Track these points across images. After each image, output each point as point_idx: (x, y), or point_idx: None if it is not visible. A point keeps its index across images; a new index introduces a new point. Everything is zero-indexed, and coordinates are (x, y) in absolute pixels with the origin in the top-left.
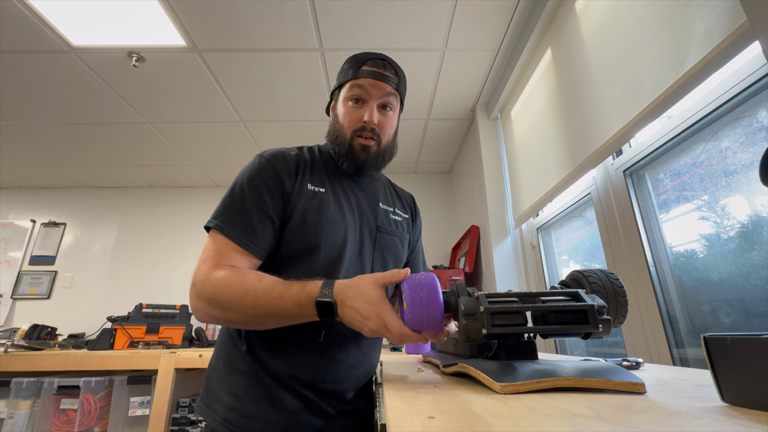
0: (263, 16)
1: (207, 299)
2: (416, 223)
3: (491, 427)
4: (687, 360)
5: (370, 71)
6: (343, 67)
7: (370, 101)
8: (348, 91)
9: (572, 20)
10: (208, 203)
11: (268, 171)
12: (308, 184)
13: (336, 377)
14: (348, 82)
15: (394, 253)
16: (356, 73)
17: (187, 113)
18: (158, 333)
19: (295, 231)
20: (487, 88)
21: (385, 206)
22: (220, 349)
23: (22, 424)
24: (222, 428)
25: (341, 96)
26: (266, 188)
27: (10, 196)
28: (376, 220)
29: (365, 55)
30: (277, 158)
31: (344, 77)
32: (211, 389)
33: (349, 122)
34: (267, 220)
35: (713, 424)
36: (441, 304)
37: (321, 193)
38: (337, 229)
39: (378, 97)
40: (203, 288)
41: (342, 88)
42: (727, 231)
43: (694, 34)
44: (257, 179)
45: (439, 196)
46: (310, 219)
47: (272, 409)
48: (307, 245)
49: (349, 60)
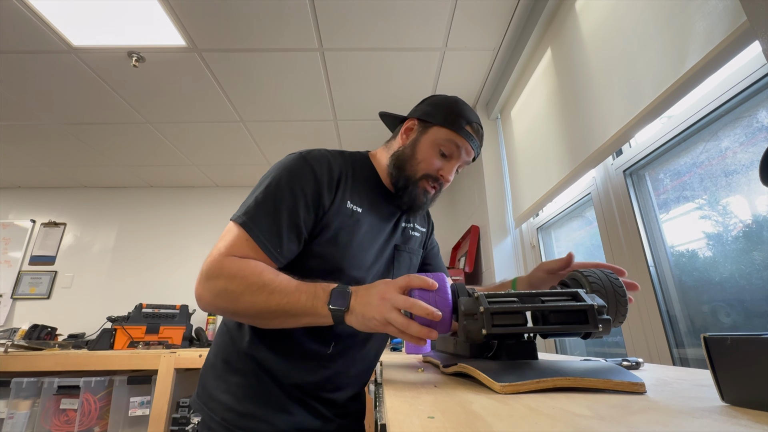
0: (263, 16)
1: (218, 285)
2: (431, 236)
3: (491, 427)
4: (687, 360)
5: (471, 136)
6: (443, 107)
7: (454, 161)
8: (443, 140)
9: (572, 20)
10: (208, 203)
11: (308, 178)
12: (348, 202)
13: (337, 386)
14: (448, 130)
15: (408, 270)
16: (459, 129)
17: (187, 113)
18: (158, 333)
19: (323, 247)
20: (487, 88)
21: (405, 223)
22: (218, 348)
23: (22, 424)
24: (219, 427)
25: (432, 135)
26: (303, 197)
27: (10, 196)
28: (397, 238)
29: (471, 114)
30: (320, 164)
31: (444, 121)
32: (208, 387)
33: (428, 165)
34: (295, 230)
35: (713, 424)
36: (450, 304)
37: (358, 213)
38: (364, 255)
39: (461, 162)
40: (216, 271)
41: (437, 128)
42: (728, 231)
43: (694, 34)
44: (296, 184)
45: (439, 196)
46: (342, 239)
47: (270, 411)
48: (329, 265)
49: (454, 105)
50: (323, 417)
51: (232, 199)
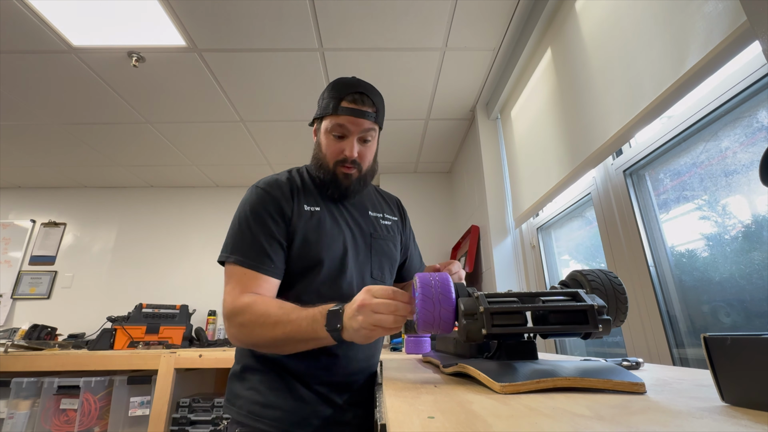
0: (263, 16)
1: (235, 325)
2: (406, 224)
3: (491, 427)
4: (687, 360)
5: (350, 109)
6: (324, 96)
7: (350, 137)
8: (329, 126)
9: (572, 20)
10: (208, 203)
11: (267, 199)
12: (305, 206)
13: (347, 372)
14: (329, 117)
15: (388, 256)
16: (336, 109)
17: (187, 113)
18: (158, 333)
19: (299, 249)
20: (487, 88)
21: (375, 213)
22: (238, 356)
23: (22, 424)
24: (247, 419)
25: (323, 127)
26: (269, 215)
27: (10, 196)
28: (368, 227)
29: (344, 88)
30: (272, 186)
31: (325, 110)
32: (234, 389)
33: (331, 154)
34: (276, 243)
35: (713, 424)
36: (453, 303)
37: (317, 212)
38: (336, 243)
39: (357, 133)
40: (229, 313)
41: (324, 120)
42: (728, 231)
43: (694, 34)
44: (259, 208)
45: (439, 196)
46: (311, 237)
47: (290, 400)
48: (311, 261)
49: (330, 90)
50: (336, 405)
51: (232, 199)
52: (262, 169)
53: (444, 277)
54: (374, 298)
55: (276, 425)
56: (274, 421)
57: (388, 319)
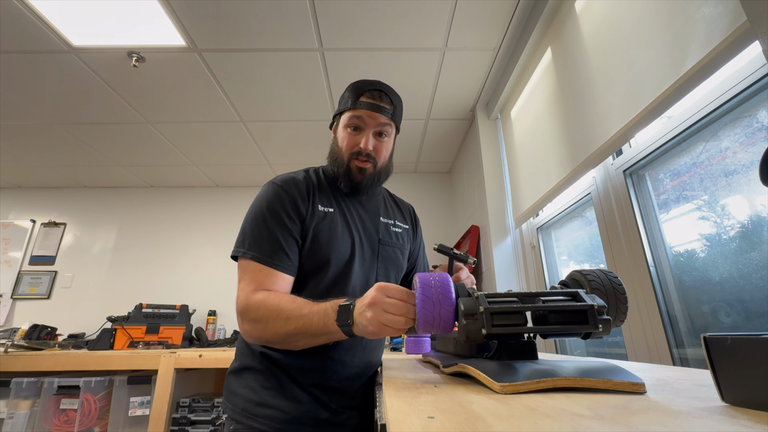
0: (263, 16)
1: (249, 321)
2: (417, 233)
3: (491, 427)
4: (687, 360)
5: (368, 103)
6: (344, 95)
7: (366, 130)
8: (347, 120)
9: (572, 20)
10: (208, 203)
11: (283, 197)
12: (319, 206)
13: (342, 377)
14: (347, 111)
15: (395, 264)
16: (355, 104)
17: (187, 113)
18: (158, 333)
19: (308, 249)
20: (487, 88)
21: (386, 219)
22: (237, 353)
23: (22, 424)
24: (241, 417)
25: (341, 122)
26: (285, 212)
27: (10, 196)
28: (377, 233)
29: (364, 85)
30: (290, 184)
31: (344, 106)
32: (231, 387)
33: (347, 146)
34: (292, 240)
35: (713, 424)
36: (453, 303)
37: (330, 213)
38: (345, 246)
39: (374, 127)
40: (243, 309)
41: (342, 115)
42: (727, 231)
43: (694, 34)
44: (276, 205)
45: (439, 196)
46: (322, 238)
47: (284, 400)
48: (318, 261)
49: (350, 88)
50: (331, 409)
51: (232, 199)
52: (262, 169)
53: (444, 277)
54: (386, 297)
55: (269, 424)
56: (267, 420)
57: (400, 320)
